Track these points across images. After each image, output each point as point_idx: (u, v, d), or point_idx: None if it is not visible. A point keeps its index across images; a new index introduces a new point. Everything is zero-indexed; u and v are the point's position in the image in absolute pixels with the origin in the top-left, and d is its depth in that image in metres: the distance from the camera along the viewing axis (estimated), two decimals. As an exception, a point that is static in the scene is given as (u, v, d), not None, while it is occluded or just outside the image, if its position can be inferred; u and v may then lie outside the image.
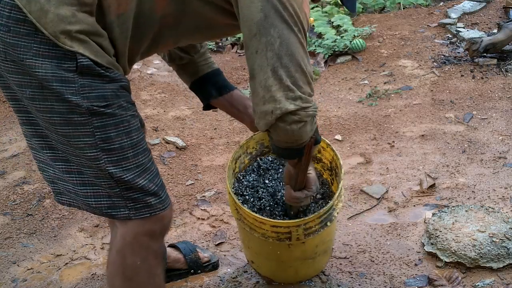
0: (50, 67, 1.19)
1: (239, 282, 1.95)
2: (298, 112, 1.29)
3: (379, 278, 1.94)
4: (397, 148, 2.80)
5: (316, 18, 4.54)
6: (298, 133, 1.33)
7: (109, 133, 1.26)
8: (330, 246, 1.91)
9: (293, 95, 1.27)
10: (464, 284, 1.88)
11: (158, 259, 1.44)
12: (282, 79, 1.26)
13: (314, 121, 1.38)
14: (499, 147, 2.73)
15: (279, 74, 1.26)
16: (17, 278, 2.07)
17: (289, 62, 1.26)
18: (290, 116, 1.29)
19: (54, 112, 1.24)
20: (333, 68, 3.95)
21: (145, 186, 1.32)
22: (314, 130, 1.41)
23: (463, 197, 2.36)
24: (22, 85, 1.23)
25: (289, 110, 1.28)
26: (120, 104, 1.27)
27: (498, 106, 3.15)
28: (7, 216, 2.45)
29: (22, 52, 1.19)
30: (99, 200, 1.33)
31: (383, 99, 3.37)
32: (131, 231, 1.36)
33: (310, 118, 1.34)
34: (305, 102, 1.29)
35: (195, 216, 2.37)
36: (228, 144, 2.97)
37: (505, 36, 3.58)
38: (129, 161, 1.30)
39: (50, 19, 1.17)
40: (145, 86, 3.75)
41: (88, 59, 1.21)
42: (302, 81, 1.29)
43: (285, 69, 1.26)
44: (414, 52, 3.96)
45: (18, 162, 2.87)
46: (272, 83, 1.26)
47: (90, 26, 1.21)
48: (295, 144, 1.39)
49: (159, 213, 1.36)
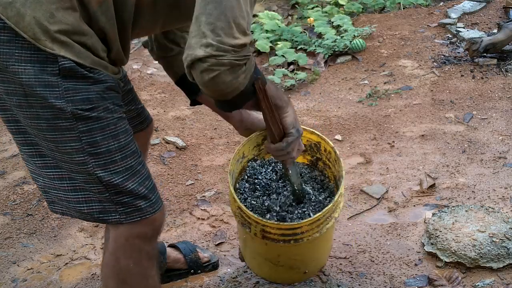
0: (33, 71, 1.18)
1: (239, 282, 1.95)
2: (206, 59, 1.19)
3: (379, 278, 1.94)
4: (397, 148, 2.80)
5: (316, 18, 4.54)
6: (212, 83, 1.23)
7: (95, 137, 1.25)
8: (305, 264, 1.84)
9: (206, 41, 1.19)
10: (464, 284, 1.88)
11: (152, 260, 1.43)
12: (200, 25, 1.20)
13: (238, 71, 1.25)
14: (499, 147, 2.74)
15: (199, 19, 1.20)
16: (17, 278, 2.07)
17: (213, 9, 1.19)
18: (199, 63, 1.20)
19: (40, 119, 1.23)
20: (333, 68, 3.95)
21: (134, 189, 1.31)
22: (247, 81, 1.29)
23: (463, 197, 2.36)
24: (9, 93, 1.22)
25: (198, 56, 1.19)
26: (106, 106, 1.25)
27: (498, 106, 3.15)
28: (7, 216, 2.45)
29: (5, 59, 1.18)
30: (90, 206, 1.32)
31: (383, 99, 3.37)
32: (123, 234, 1.36)
33: (227, 68, 1.21)
34: (218, 50, 1.19)
35: (195, 216, 2.37)
36: (228, 144, 2.97)
37: (505, 36, 3.58)
38: (117, 164, 1.28)
39: (28, 22, 1.15)
40: (145, 86, 3.75)
41: (70, 61, 1.19)
42: (223, 30, 1.19)
43: (207, 16, 1.19)
44: (414, 52, 3.96)
45: (18, 162, 2.87)
46: (192, 29, 1.22)
47: (70, 25, 1.18)
48: (220, 95, 1.29)
49: (150, 216, 1.35)
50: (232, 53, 1.21)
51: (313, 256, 1.80)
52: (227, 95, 1.28)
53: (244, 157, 1.82)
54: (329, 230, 1.69)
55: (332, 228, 1.79)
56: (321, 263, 1.89)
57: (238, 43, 1.21)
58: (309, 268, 1.81)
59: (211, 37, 1.19)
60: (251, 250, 1.80)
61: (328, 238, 1.81)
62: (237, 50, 1.22)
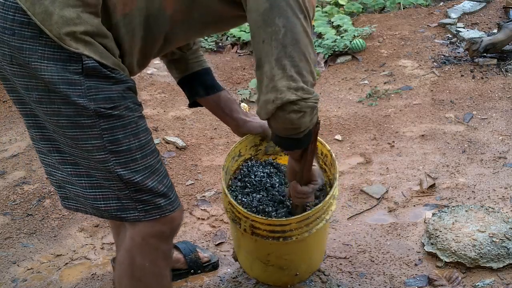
0: (55, 69, 1.19)
1: (239, 282, 1.95)
2: (298, 102, 1.28)
3: (379, 278, 1.94)
4: (397, 148, 2.80)
5: (316, 18, 4.54)
6: (297, 122, 1.32)
7: (117, 135, 1.26)
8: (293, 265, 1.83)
9: (295, 85, 1.27)
10: (464, 284, 1.88)
11: (167, 260, 1.45)
12: (285, 68, 1.26)
13: (314, 112, 1.37)
14: (499, 147, 2.74)
15: (283, 63, 1.26)
16: (17, 278, 2.07)
17: (294, 51, 1.25)
18: (290, 105, 1.28)
19: (62, 115, 1.24)
20: (333, 68, 3.95)
21: (154, 187, 1.32)
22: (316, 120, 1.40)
23: (463, 197, 2.36)
24: (29, 88, 1.23)
25: (290, 100, 1.27)
26: (127, 105, 1.27)
27: (498, 106, 3.15)
28: (7, 216, 2.45)
29: (27, 55, 1.19)
30: (108, 203, 1.33)
31: (383, 99, 3.37)
32: (141, 232, 1.36)
33: (310, 109, 1.32)
34: (306, 93, 1.29)
35: (195, 216, 2.37)
36: (228, 144, 2.97)
37: (505, 36, 3.58)
38: (138, 163, 1.30)
39: (55, 21, 1.16)
40: (145, 86, 3.75)
41: (94, 61, 1.20)
42: (306, 70, 1.28)
43: (290, 59, 1.25)
44: (414, 52, 3.96)
45: (18, 162, 2.87)
46: (276, 72, 1.26)
47: (94, 27, 1.20)
48: (294, 133, 1.37)
49: (169, 214, 1.36)
50: (313, 93, 1.31)
51: (304, 257, 1.79)
52: (301, 133, 1.37)
53: (240, 156, 1.83)
54: (320, 232, 1.68)
55: (324, 231, 1.79)
56: (312, 266, 1.89)
57: (314, 76, 1.32)
58: (300, 270, 1.80)
59: (299, 80, 1.27)
60: (243, 249, 1.81)
61: (319, 241, 1.80)
62: (315, 94, 1.32)
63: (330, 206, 1.67)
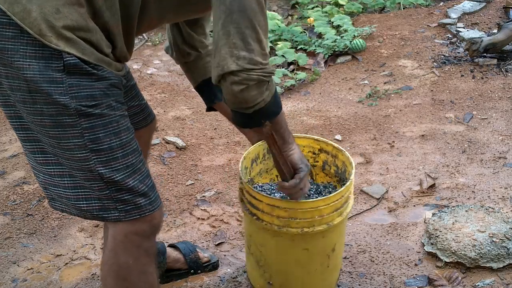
0: (38, 68, 1.18)
1: (239, 282, 1.95)
2: (238, 73, 1.22)
3: (379, 278, 1.94)
4: (397, 148, 2.80)
5: (316, 18, 4.55)
6: (239, 96, 1.25)
7: (97, 134, 1.26)
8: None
9: (237, 53, 1.21)
10: (464, 284, 1.88)
11: (150, 257, 1.44)
12: (229, 34, 1.20)
13: (264, 87, 1.28)
14: (499, 147, 2.74)
15: (227, 29, 1.20)
16: (17, 278, 2.07)
17: (240, 17, 1.20)
18: (230, 76, 1.23)
19: (44, 115, 1.23)
20: (333, 68, 3.95)
21: (135, 186, 1.32)
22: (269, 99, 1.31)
23: (463, 197, 2.36)
24: (13, 88, 1.23)
25: (230, 69, 1.21)
26: (109, 103, 1.26)
27: (498, 106, 3.15)
28: (7, 216, 2.45)
29: (10, 55, 1.18)
30: (90, 203, 1.33)
31: (383, 99, 3.37)
32: (122, 231, 1.37)
33: (256, 82, 1.24)
34: (250, 63, 1.21)
35: (195, 216, 2.37)
36: (228, 144, 2.97)
37: (505, 36, 3.58)
38: (119, 162, 1.29)
39: (34, 18, 1.15)
40: (145, 86, 3.75)
41: (75, 57, 1.19)
42: (252, 38, 1.21)
43: (235, 25, 1.20)
44: (414, 52, 3.96)
45: (18, 162, 2.87)
46: (220, 37, 1.22)
47: (75, 21, 1.19)
48: (241, 107, 1.31)
49: (149, 214, 1.36)
50: (260, 67, 1.23)
51: (278, 263, 1.71)
52: (249, 109, 1.31)
53: (260, 159, 1.83)
54: (297, 243, 1.62)
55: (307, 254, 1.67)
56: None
57: (264, 47, 1.23)
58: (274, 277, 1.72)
59: (243, 48, 1.21)
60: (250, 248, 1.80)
61: (301, 256, 1.68)
62: (264, 66, 1.24)
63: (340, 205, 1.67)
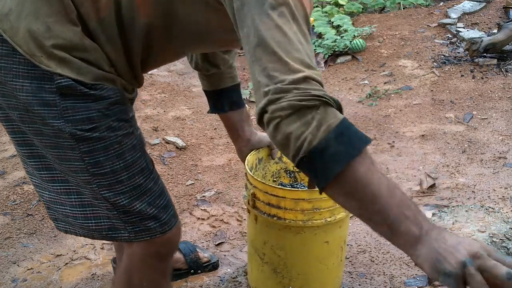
0: (31, 89, 1.10)
1: (239, 282, 1.95)
2: (267, 107, 0.97)
3: (379, 278, 1.94)
4: (397, 148, 2.80)
5: (316, 18, 4.55)
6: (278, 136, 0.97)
7: (98, 158, 1.17)
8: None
9: (263, 90, 0.98)
10: (464, 284, 1.88)
11: (166, 278, 1.39)
12: (255, 74, 1.01)
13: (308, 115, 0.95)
14: (499, 147, 2.74)
15: (253, 69, 1.02)
16: (17, 278, 2.07)
17: (261, 52, 0.99)
18: (264, 116, 0.99)
19: (44, 135, 1.16)
20: (333, 68, 3.95)
21: (142, 210, 1.24)
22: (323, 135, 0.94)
23: (463, 197, 2.36)
24: (10, 107, 1.16)
25: (260, 109, 0.99)
26: (109, 125, 1.16)
27: (498, 106, 3.15)
28: (7, 216, 2.45)
29: (3, 74, 1.11)
30: (99, 222, 1.26)
31: (383, 99, 3.37)
32: (137, 252, 1.31)
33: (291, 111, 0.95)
34: (276, 92, 0.96)
35: (195, 216, 2.37)
36: (228, 144, 2.97)
37: (505, 36, 3.58)
38: (124, 184, 1.21)
39: (21, 36, 1.08)
40: (145, 86, 3.75)
41: (68, 79, 1.10)
42: (277, 70, 0.97)
43: (258, 62, 1.00)
44: (414, 52, 3.96)
45: (18, 162, 2.87)
46: (252, 78, 1.04)
47: (67, 41, 1.09)
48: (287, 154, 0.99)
49: (159, 236, 1.28)
50: (293, 91, 0.95)
51: (299, 263, 1.67)
52: (297, 150, 0.96)
53: (262, 161, 1.83)
54: (319, 237, 1.60)
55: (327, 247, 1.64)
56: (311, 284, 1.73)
57: (299, 76, 0.96)
58: (294, 282, 1.69)
59: (267, 82, 0.98)
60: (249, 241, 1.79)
61: (319, 251, 1.65)
62: (300, 86, 0.95)
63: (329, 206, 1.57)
